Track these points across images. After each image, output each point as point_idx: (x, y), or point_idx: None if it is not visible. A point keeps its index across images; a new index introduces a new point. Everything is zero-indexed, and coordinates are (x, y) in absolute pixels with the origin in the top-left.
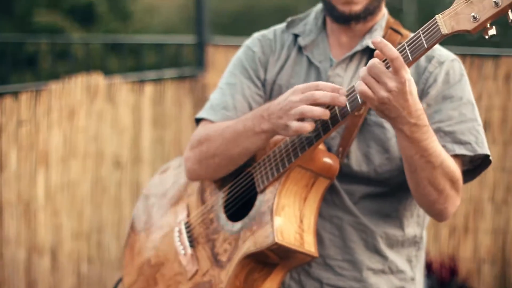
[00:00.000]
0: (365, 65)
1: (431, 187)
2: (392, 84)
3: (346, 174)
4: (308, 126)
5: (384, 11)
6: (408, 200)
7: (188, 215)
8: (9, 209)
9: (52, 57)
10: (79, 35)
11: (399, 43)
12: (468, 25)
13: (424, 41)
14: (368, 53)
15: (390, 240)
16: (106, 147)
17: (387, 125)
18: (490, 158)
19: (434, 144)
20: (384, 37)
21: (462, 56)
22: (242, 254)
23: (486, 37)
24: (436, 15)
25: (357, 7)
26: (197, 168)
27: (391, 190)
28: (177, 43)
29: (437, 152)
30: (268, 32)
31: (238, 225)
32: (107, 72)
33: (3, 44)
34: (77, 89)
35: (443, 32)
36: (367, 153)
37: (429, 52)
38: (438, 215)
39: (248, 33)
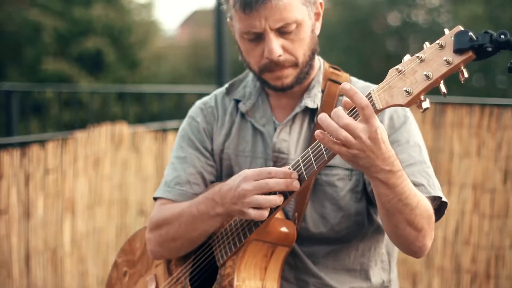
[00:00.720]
0: (308, 124)
1: (410, 228)
2: (364, 136)
3: (305, 237)
4: (265, 213)
5: (319, 63)
6: (371, 251)
7: (157, 287)
8: (36, 256)
9: (59, 105)
10: (87, 83)
11: (339, 94)
12: (401, 100)
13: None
14: (309, 112)
15: None
16: (130, 194)
17: (338, 183)
18: (444, 199)
19: (409, 186)
20: (323, 91)
21: (481, 106)
22: None
23: (421, 110)
24: (371, 90)
25: (288, 80)
26: (159, 250)
27: (353, 245)
28: (198, 93)
29: (413, 193)
30: (209, 99)
31: None
32: (114, 119)
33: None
34: (101, 138)
35: (377, 108)
36: (323, 214)
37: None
38: (416, 252)
39: None
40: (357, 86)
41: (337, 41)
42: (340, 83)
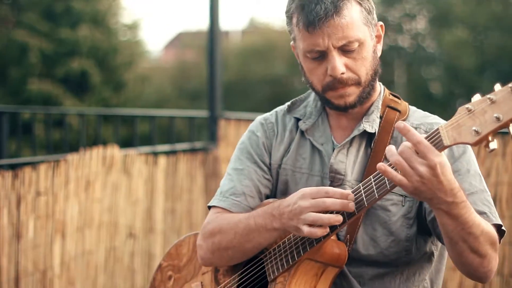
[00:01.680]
0: (365, 148)
1: (474, 255)
2: (422, 168)
3: (354, 258)
4: (318, 232)
5: (380, 89)
6: (416, 275)
7: None
8: (25, 277)
9: (46, 126)
10: (72, 104)
11: (396, 121)
12: (470, 138)
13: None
14: (367, 135)
15: None
16: (120, 217)
17: (392, 207)
18: (503, 228)
19: (473, 215)
20: (382, 117)
21: None
22: None
23: (488, 150)
24: (440, 126)
25: (351, 98)
26: (210, 257)
27: (399, 269)
28: (189, 117)
29: (477, 223)
30: (270, 115)
31: None
32: (103, 141)
33: (2, 113)
34: (93, 161)
35: (445, 144)
36: (374, 237)
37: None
38: (481, 278)
39: (242, 103)
40: (415, 115)
41: None
42: (399, 111)
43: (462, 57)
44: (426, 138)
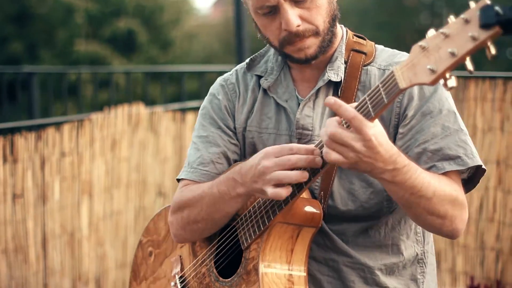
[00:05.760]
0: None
1: (432, 216)
2: (358, 144)
3: (334, 215)
4: (284, 192)
5: (341, 32)
6: (401, 224)
7: (182, 268)
8: (53, 240)
9: (94, 87)
10: (119, 64)
11: (364, 64)
12: (426, 78)
13: (384, 96)
14: (333, 84)
15: (390, 269)
16: (148, 176)
17: None
18: (483, 167)
19: (421, 177)
20: (347, 62)
21: (504, 80)
22: None
23: (446, 89)
24: (394, 67)
25: (311, 50)
26: (182, 233)
27: (382, 220)
28: (218, 71)
29: (426, 184)
30: (230, 75)
31: (228, 282)
32: (149, 99)
33: (46, 74)
34: (118, 119)
35: (401, 87)
36: (351, 190)
37: None
38: (449, 236)
39: None
40: (382, 55)
41: (370, 17)
42: (364, 53)
43: (504, 5)
44: (381, 81)
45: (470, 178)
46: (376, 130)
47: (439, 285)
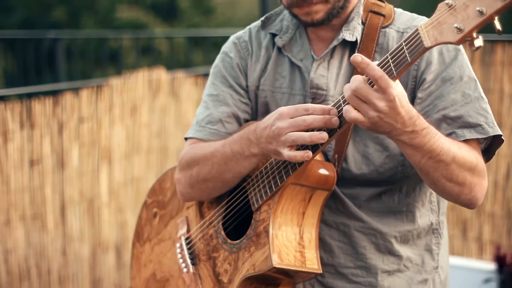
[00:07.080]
0: (348, 59)
1: (450, 183)
2: (381, 104)
3: (347, 179)
4: (300, 155)
5: None
6: (416, 191)
7: (188, 230)
8: (71, 207)
9: (135, 52)
10: (161, 30)
11: (382, 26)
12: (452, 37)
13: (407, 55)
14: (349, 45)
15: (404, 237)
16: (170, 142)
17: None
18: (502, 137)
19: (440, 142)
20: (364, 23)
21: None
22: (242, 277)
23: (473, 49)
24: (419, 26)
25: (318, 16)
26: (190, 192)
27: (397, 186)
28: None
29: (445, 149)
30: (243, 33)
31: (237, 244)
32: (191, 66)
33: (87, 40)
34: (138, 84)
35: (426, 45)
36: (366, 154)
37: None
38: (467, 205)
39: None
40: (401, 18)
41: None
42: (383, 15)
43: None
44: (404, 40)
45: (487, 148)
46: (399, 90)
47: (466, 254)
